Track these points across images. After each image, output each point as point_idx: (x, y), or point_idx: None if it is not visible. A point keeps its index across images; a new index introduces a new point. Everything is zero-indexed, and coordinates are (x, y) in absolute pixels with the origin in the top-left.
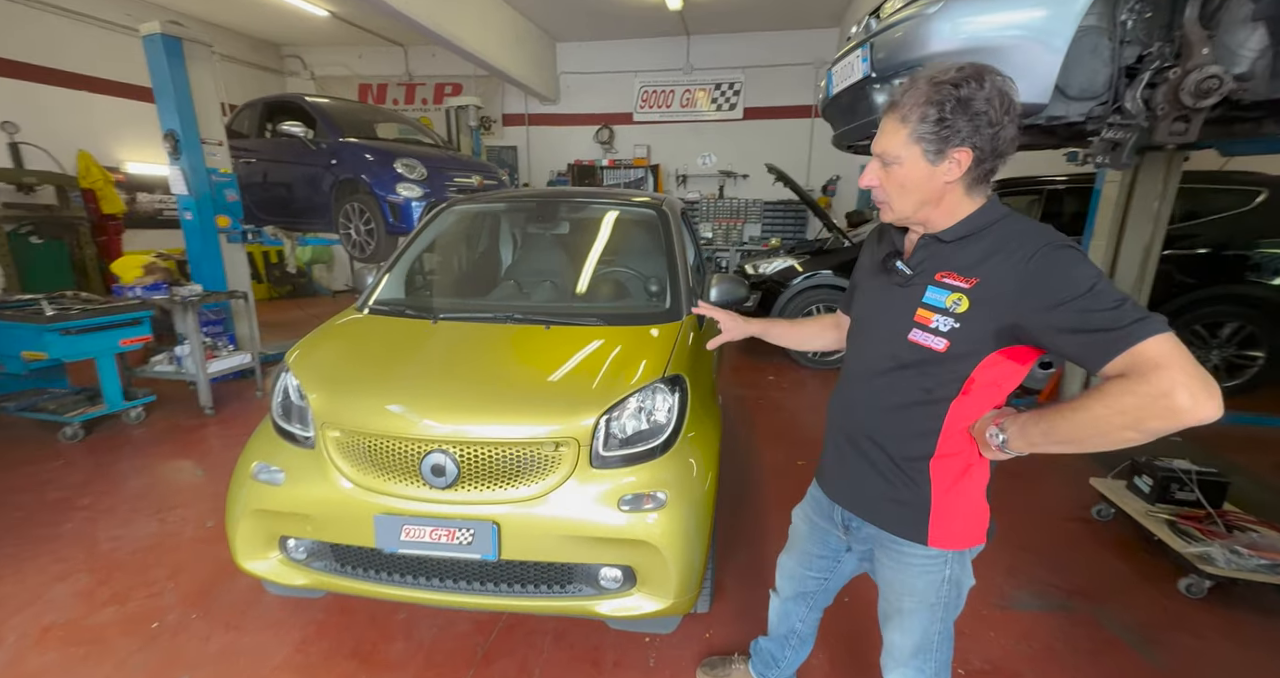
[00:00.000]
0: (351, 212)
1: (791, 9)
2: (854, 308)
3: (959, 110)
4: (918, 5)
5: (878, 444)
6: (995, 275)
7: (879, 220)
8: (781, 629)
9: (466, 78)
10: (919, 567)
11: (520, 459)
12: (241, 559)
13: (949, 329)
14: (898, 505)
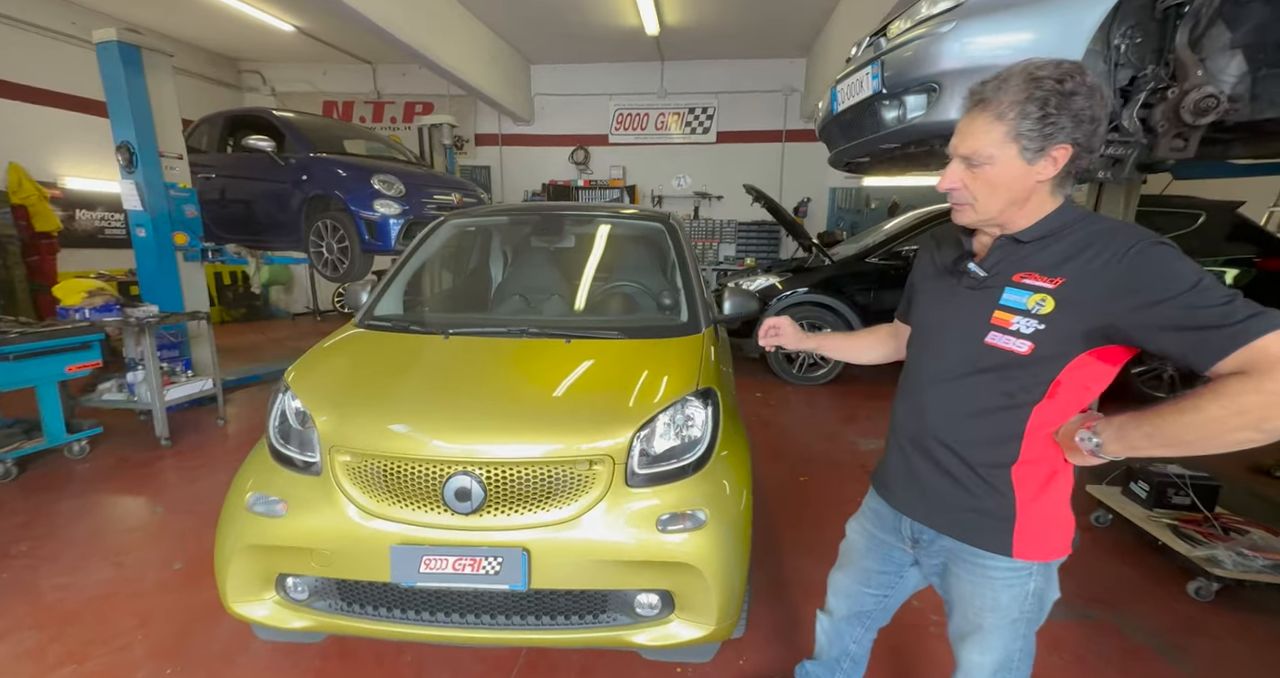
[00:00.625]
0: (323, 229)
1: (762, 39)
2: (915, 314)
3: (1063, 106)
4: (929, 24)
5: (954, 451)
6: (1084, 274)
7: (854, 236)
8: (833, 652)
9: (438, 97)
10: (1002, 581)
11: (552, 479)
12: (233, 602)
13: (1032, 331)
14: (979, 516)
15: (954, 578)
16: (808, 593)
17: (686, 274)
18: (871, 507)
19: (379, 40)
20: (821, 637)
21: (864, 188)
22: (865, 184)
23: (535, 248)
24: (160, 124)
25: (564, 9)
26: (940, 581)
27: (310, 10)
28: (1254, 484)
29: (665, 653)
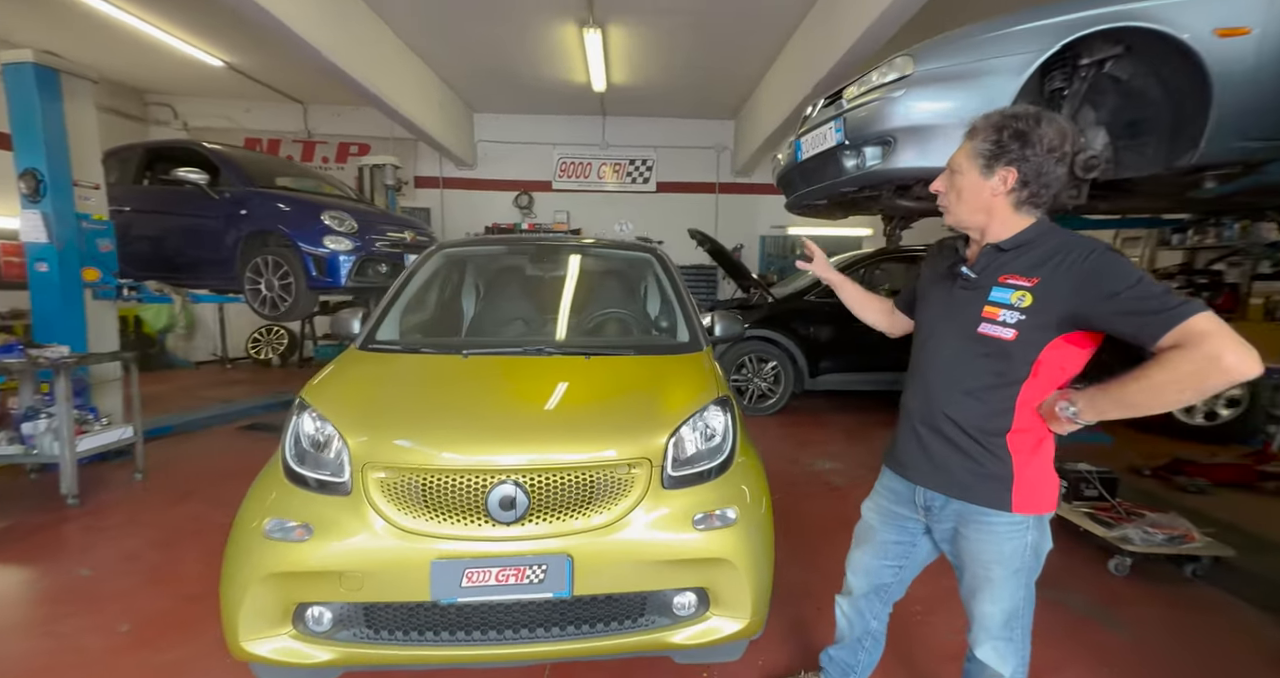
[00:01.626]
0: (263, 265)
1: (696, 102)
2: (920, 314)
3: (1014, 138)
4: (882, 91)
5: (958, 425)
6: (1054, 274)
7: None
8: (856, 632)
9: (376, 139)
10: (1004, 534)
11: (594, 484)
12: (244, 640)
13: (1015, 321)
14: (983, 479)
15: (963, 539)
16: (802, 595)
17: (681, 298)
18: (886, 485)
19: (315, 80)
20: (842, 620)
21: (789, 236)
22: (790, 232)
23: (531, 276)
24: (78, 152)
25: (519, 64)
26: (950, 546)
27: (248, 47)
28: (1130, 480)
29: (698, 654)
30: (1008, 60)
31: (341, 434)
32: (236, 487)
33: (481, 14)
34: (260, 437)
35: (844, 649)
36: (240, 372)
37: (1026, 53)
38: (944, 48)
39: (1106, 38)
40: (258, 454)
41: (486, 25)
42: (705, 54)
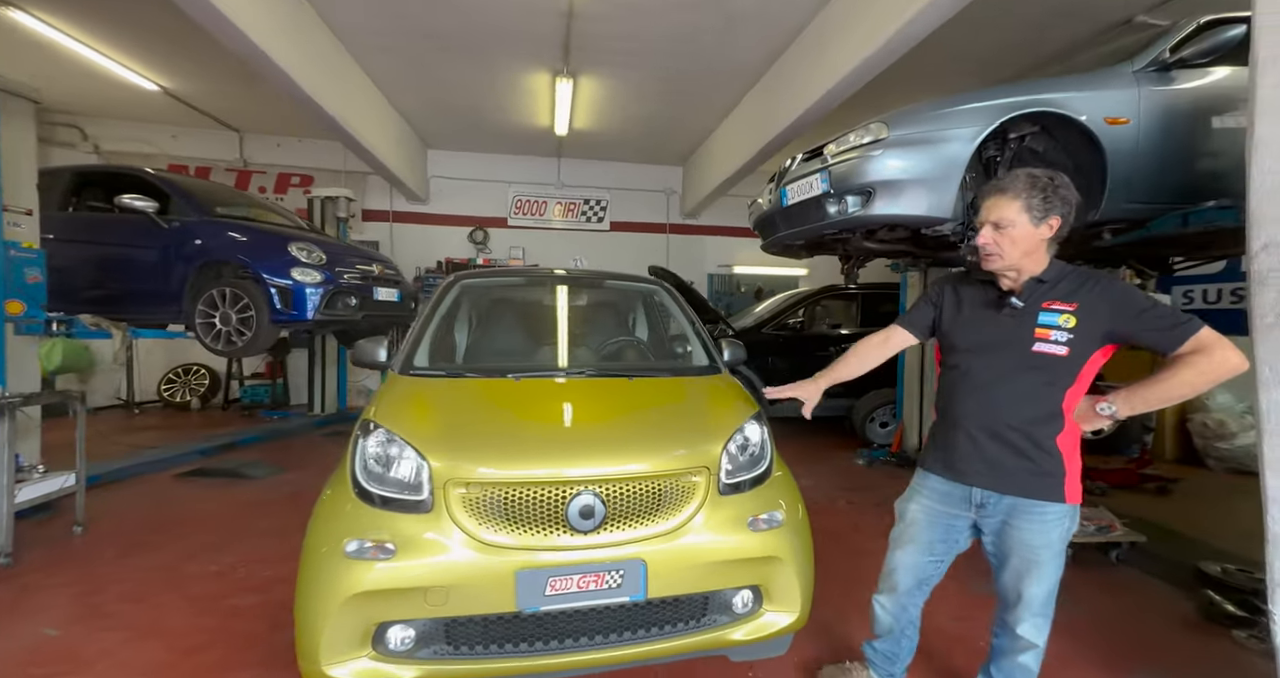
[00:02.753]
0: (219, 298)
1: (649, 148)
2: (961, 339)
3: (1055, 194)
4: (861, 150)
5: (1019, 430)
6: (1090, 300)
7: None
8: (900, 623)
9: (321, 170)
10: (1054, 522)
11: (661, 492)
12: (325, 665)
13: (1066, 339)
14: (1040, 476)
15: (1014, 530)
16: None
17: (695, 326)
18: (932, 488)
19: (255, 108)
20: (885, 616)
21: (735, 275)
22: (736, 271)
23: (550, 305)
24: (11, 175)
25: (484, 106)
26: (996, 536)
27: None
28: None
29: (750, 650)
30: (962, 131)
31: (421, 453)
32: (203, 536)
33: (457, 56)
34: (206, 484)
35: (888, 641)
36: (151, 417)
37: (975, 126)
38: (913, 117)
39: (1027, 118)
40: (209, 503)
41: (459, 67)
42: (667, 106)
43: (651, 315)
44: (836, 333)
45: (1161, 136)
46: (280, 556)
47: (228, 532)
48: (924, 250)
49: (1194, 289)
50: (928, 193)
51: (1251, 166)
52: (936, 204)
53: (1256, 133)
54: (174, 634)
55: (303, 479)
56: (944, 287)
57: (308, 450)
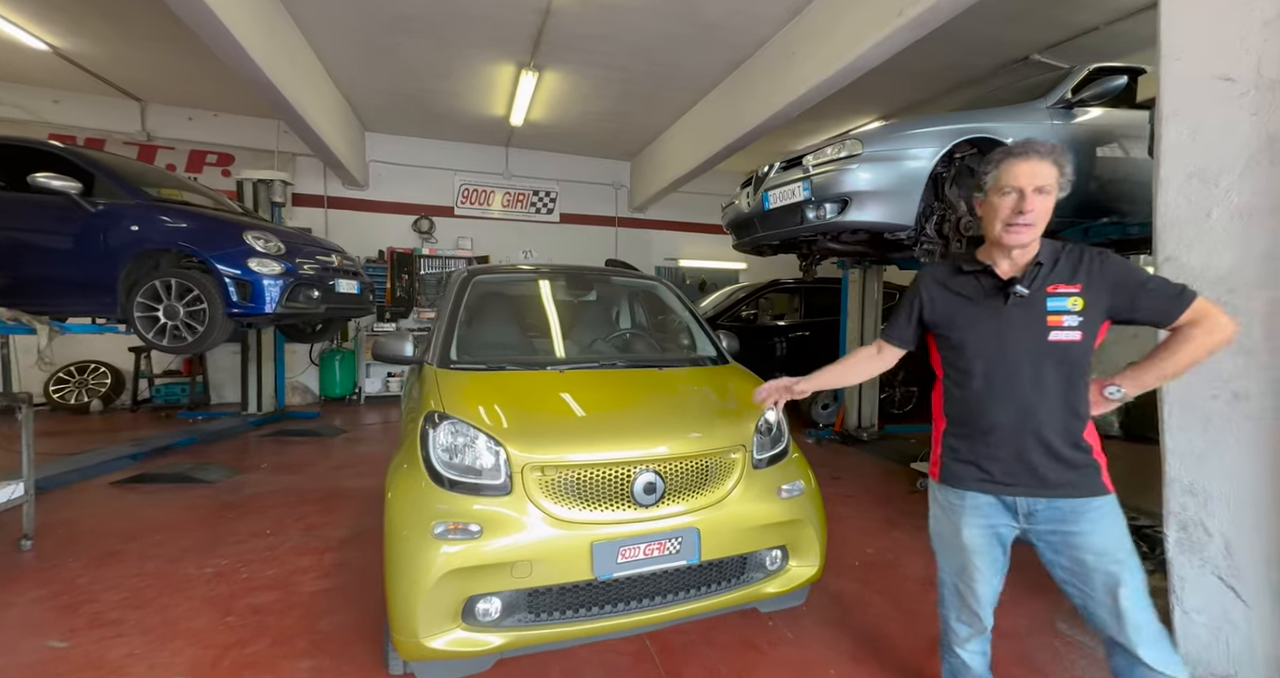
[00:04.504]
0: (163, 290)
1: (599, 142)
2: (966, 337)
3: (1069, 164)
4: (839, 163)
5: (1056, 430)
6: (1091, 278)
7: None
8: (977, 628)
9: (243, 149)
10: (1111, 513)
11: (709, 469)
12: (424, 638)
13: (1078, 323)
14: (1082, 473)
15: (1080, 536)
16: None
17: (699, 320)
18: (975, 506)
19: (163, 77)
20: (968, 630)
21: (681, 268)
22: (682, 264)
23: (562, 301)
24: None
25: (438, 92)
26: (1060, 554)
27: (86, 32)
28: None
29: (777, 602)
30: (923, 150)
31: (498, 441)
32: (181, 542)
33: (420, 39)
34: (156, 490)
35: (975, 643)
36: (43, 421)
37: (933, 147)
38: (883, 136)
39: (969, 142)
40: (169, 508)
41: (420, 51)
42: (625, 103)
43: (656, 309)
44: (783, 324)
45: None
46: (279, 555)
47: (206, 536)
48: (878, 251)
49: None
50: (894, 203)
51: (1157, 199)
52: (900, 213)
53: (1161, 173)
54: (201, 634)
55: (263, 481)
56: (924, 287)
57: (253, 452)
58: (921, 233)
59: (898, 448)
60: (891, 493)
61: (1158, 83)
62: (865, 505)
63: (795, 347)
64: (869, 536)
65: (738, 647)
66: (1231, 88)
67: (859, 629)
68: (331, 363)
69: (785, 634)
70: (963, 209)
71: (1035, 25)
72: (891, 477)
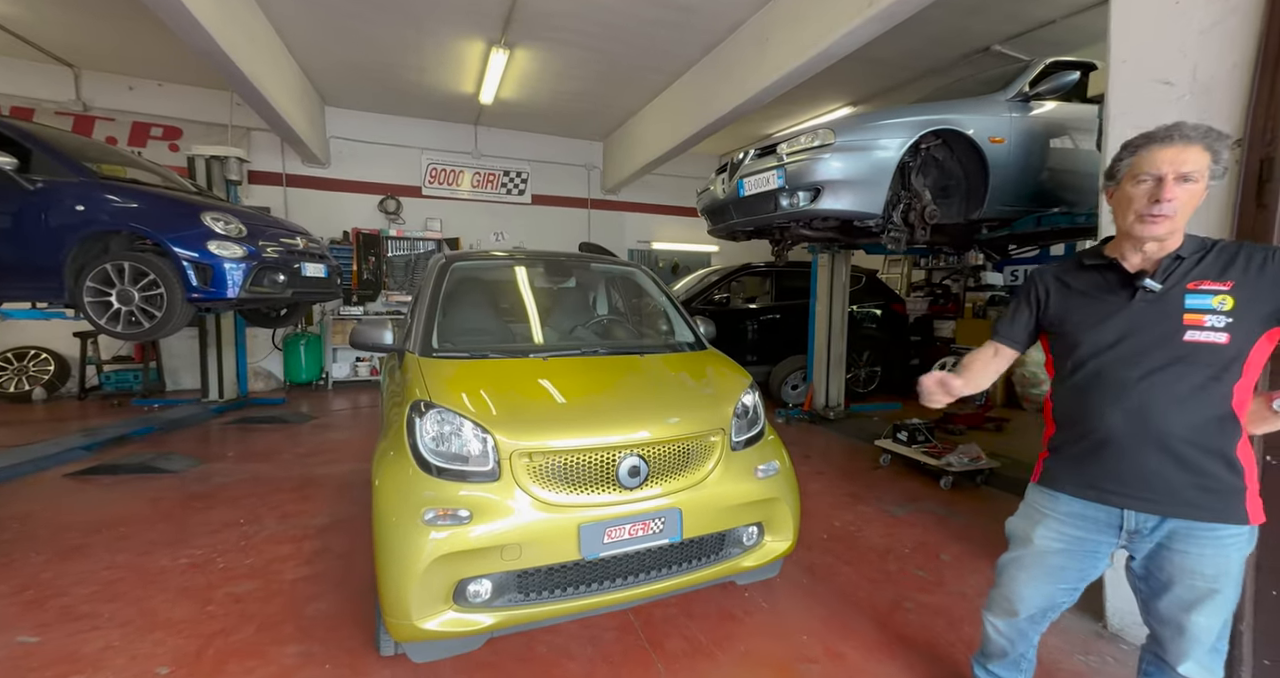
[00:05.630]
0: (116, 274)
1: (570, 122)
2: (1083, 334)
3: (1223, 152)
4: (811, 152)
5: (1185, 441)
6: (1248, 276)
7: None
8: (1019, 648)
9: (193, 123)
10: (1234, 546)
11: (691, 451)
12: (418, 621)
13: (1225, 325)
14: (1216, 493)
15: (1178, 555)
16: None
17: (677, 306)
18: (1067, 512)
19: (102, 42)
20: (998, 639)
21: (654, 250)
22: (654, 247)
23: (541, 287)
24: None
25: (404, 67)
26: (1152, 561)
27: None
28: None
29: (754, 574)
30: (891, 141)
31: (485, 429)
32: (149, 534)
33: (386, 12)
34: (116, 482)
35: (1005, 666)
36: None
37: (901, 137)
38: (854, 126)
39: (934, 133)
40: (133, 500)
41: (385, 24)
42: (597, 84)
43: (635, 296)
44: (754, 308)
45: (1024, 154)
46: (256, 544)
47: (176, 527)
48: (847, 238)
49: (1019, 269)
50: (864, 192)
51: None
52: (870, 201)
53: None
54: (182, 624)
55: (231, 470)
56: (1043, 280)
57: (216, 441)
58: (889, 221)
59: (863, 426)
60: (856, 470)
61: (1107, 84)
62: (833, 481)
63: (766, 329)
64: (836, 509)
65: (716, 617)
66: (1171, 91)
67: (828, 597)
68: (296, 348)
69: (761, 604)
70: (927, 198)
71: (995, 17)
72: (857, 454)
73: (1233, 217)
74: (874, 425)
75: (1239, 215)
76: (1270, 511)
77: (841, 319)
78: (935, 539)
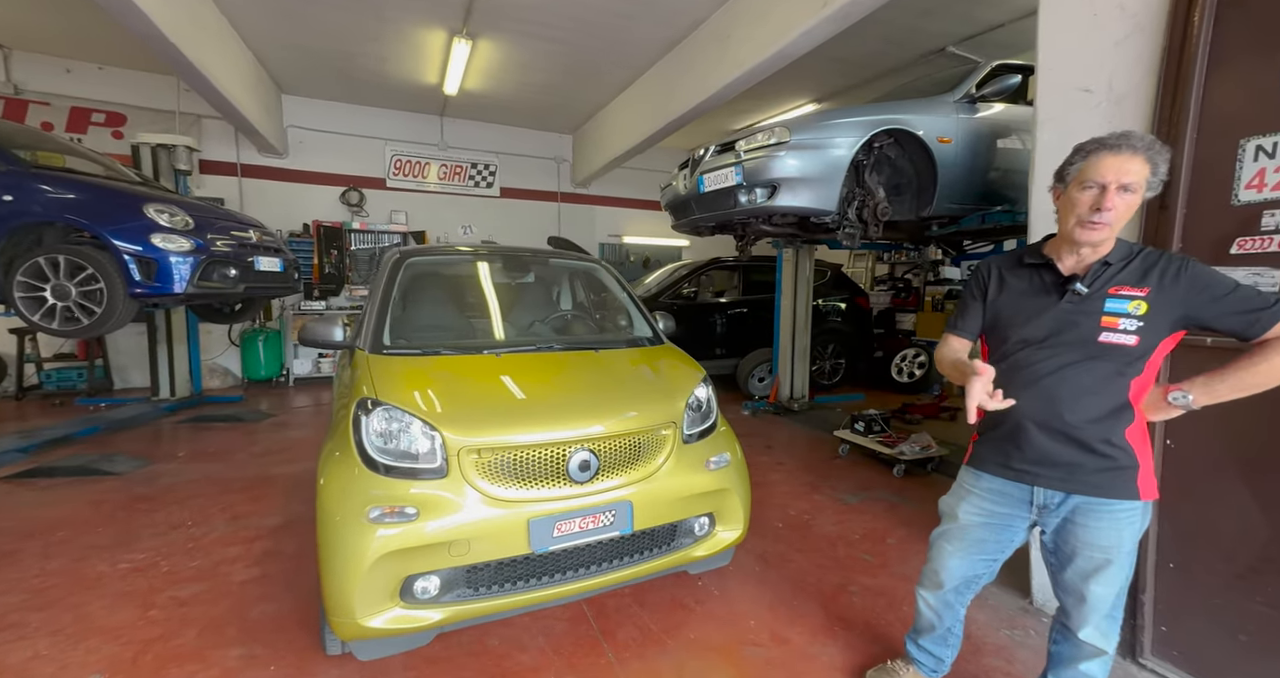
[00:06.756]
0: (50, 268)
1: (539, 115)
2: (1014, 329)
3: (1162, 163)
4: (768, 150)
5: (1088, 427)
6: (1162, 284)
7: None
8: (946, 622)
9: (138, 109)
10: (1126, 520)
11: (642, 445)
12: (363, 618)
13: (1136, 328)
14: (1112, 473)
15: (1082, 528)
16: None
17: (635, 302)
18: (988, 488)
19: (32, 19)
20: (929, 613)
21: (625, 244)
22: (626, 241)
23: (498, 283)
24: None
25: (362, 55)
26: (1058, 535)
27: None
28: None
29: (707, 562)
30: (844, 139)
31: (434, 425)
32: (88, 538)
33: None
34: (54, 485)
35: (934, 640)
36: None
37: (854, 136)
38: (808, 124)
39: (886, 132)
40: (71, 504)
41: (341, 9)
42: (563, 77)
43: (594, 291)
44: (723, 301)
45: (970, 154)
46: (203, 546)
47: (118, 531)
48: (806, 234)
49: (975, 264)
50: (819, 189)
51: (1032, 197)
52: (824, 198)
53: (1035, 171)
54: (119, 630)
55: (181, 470)
56: (988, 272)
57: (167, 440)
58: (844, 217)
59: (825, 418)
60: (816, 460)
61: (1036, 90)
62: (792, 471)
63: (734, 323)
64: (793, 499)
65: (668, 606)
66: (1090, 98)
67: (778, 583)
68: (254, 344)
69: (713, 592)
70: (880, 195)
71: (948, 20)
72: (818, 444)
73: (1140, 217)
74: (836, 417)
75: (1145, 216)
76: (1169, 490)
77: (806, 313)
78: (884, 525)
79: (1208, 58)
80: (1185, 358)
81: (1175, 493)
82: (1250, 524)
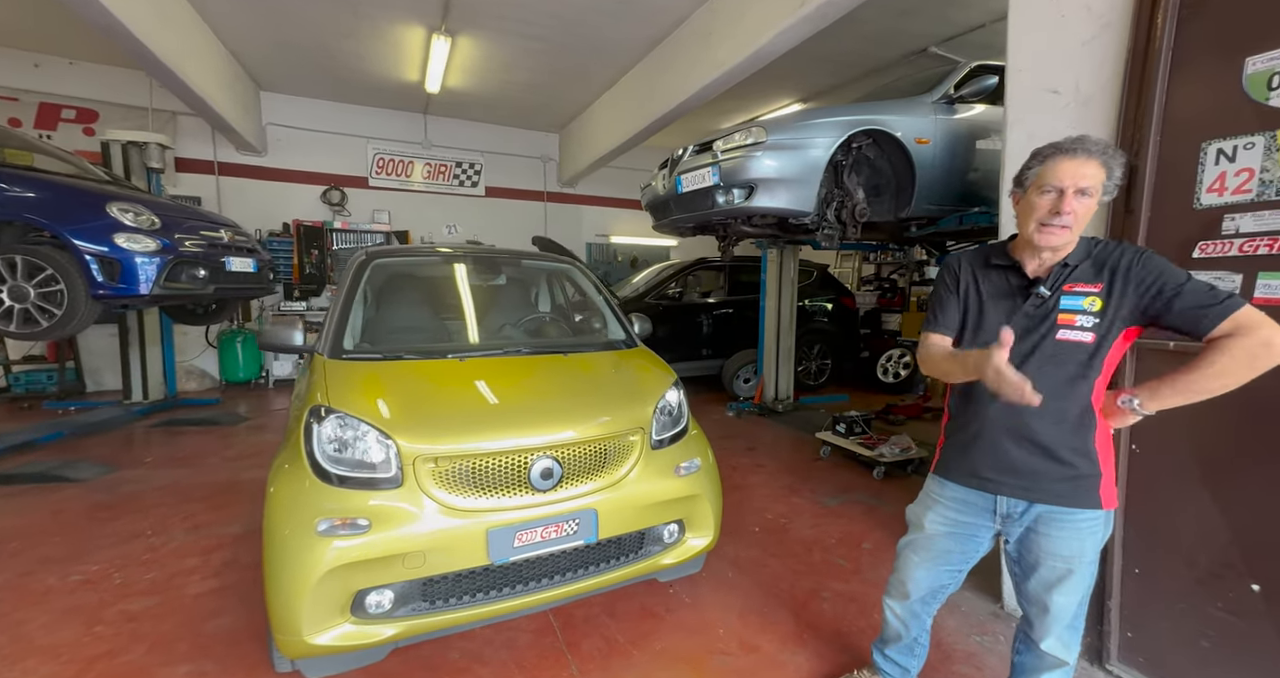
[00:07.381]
0: (7, 268)
1: (524, 113)
2: (983, 333)
3: (1119, 166)
4: (745, 150)
5: (1050, 434)
6: (1116, 277)
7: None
8: (912, 632)
9: (110, 105)
10: (1088, 529)
11: (608, 451)
12: (308, 636)
13: (1092, 324)
14: (1074, 482)
15: (1044, 537)
16: None
17: (610, 304)
18: (952, 497)
19: (7, 14)
20: (896, 623)
21: (612, 244)
22: (613, 241)
23: (466, 286)
24: None
25: (341, 52)
26: (1021, 545)
27: None
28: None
29: (676, 571)
30: (821, 140)
31: (386, 434)
32: (40, 550)
33: None
34: (11, 492)
35: (900, 650)
36: None
37: (831, 136)
38: (785, 125)
39: (864, 133)
40: (28, 513)
41: (317, 5)
42: (547, 75)
43: (567, 293)
44: (710, 302)
45: (948, 155)
46: (160, 557)
47: (73, 541)
48: (787, 234)
49: (942, 260)
50: (796, 189)
51: (1002, 195)
52: (802, 199)
53: (1005, 173)
54: (61, 648)
55: (147, 476)
56: (957, 266)
57: (138, 445)
58: (823, 218)
59: (809, 419)
60: (797, 462)
61: (1006, 91)
62: (773, 473)
63: (720, 323)
64: (772, 502)
65: (637, 615)
66: (1058, 99)
67: (750, 590)
68: (232, 345)
69: (684, 600)
70: (859, 196)
71: (927, 20)
72: (800, 446)
73: (1106, 219)
74: (820, 418)
75: (1110, 217)
76: (1134, 496)
77: (790, 313)
78: (860, 529)
79: (1171, 60)
80: (1149, 363)
81: (1140, 498)
82: (1210, 528)
